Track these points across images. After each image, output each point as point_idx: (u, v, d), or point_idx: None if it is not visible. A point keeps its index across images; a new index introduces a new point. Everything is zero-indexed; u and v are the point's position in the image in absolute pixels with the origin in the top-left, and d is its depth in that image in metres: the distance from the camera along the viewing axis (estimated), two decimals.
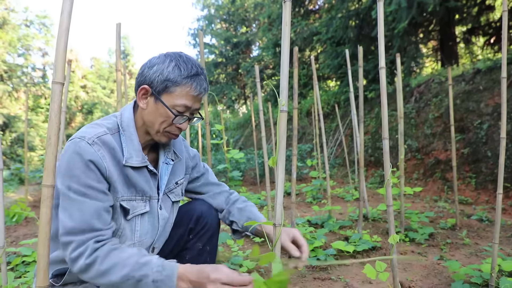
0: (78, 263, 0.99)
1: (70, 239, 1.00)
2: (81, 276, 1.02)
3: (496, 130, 5.23)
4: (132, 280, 0.98)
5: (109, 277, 0.99)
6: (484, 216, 3.73)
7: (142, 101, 1.15)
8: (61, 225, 1.02)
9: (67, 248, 1.01)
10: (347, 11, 8.68)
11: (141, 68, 1.16)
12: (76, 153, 1.03)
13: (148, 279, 0.98)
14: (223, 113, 19.97)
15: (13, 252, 2.60)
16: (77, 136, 1.06)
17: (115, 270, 0.99)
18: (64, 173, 1.03)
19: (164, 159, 1.29)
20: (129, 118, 1.17)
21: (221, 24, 21.71)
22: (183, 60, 1.13)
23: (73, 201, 1.02)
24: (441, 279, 2.14)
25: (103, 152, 1.06)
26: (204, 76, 1.16)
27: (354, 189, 5.52)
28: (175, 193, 1.32)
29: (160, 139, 1.19)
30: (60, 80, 0.84)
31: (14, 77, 17.28)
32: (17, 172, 9.67)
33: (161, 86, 1.11)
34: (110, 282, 0.99)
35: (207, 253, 1.43)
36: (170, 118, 1.13)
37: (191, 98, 1.13)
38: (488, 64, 6.25)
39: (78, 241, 1.00)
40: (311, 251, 2.48)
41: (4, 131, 15.20)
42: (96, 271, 0.99)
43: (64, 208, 1.03)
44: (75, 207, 1.02)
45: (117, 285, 0.99)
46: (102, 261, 0.99)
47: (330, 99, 10.55)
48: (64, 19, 0.84)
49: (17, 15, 18.77)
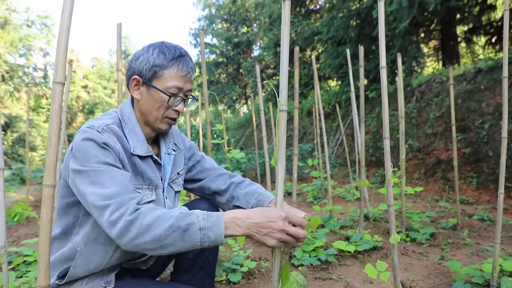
0: (118, 223, 0.94)
1: (107, 203, 0.96)
2: (121, 239, 0.95)
3: (497, 129, 5.22)
4: (178, 231, 0.94)
5: (153, 231, 0.93)
6: (485, 216, 3.72)
7: (136, 92, 1.18)
8: (93, 195, 0.98)
9: (104, 212, 0.96)
10: (348, 11, 8.68)
11: (129, 63, 1.20)
12: (88, 139, 1.03)
13: (195, 226, 0.94)
14: (224, 113, 19.99)
15: (14, 252, 2.60)
16: (85, 126, 1.07)
17: (159, 223, 0.94)
18: (80, 158, 1.02)
19: (166, 150, 1.31)
20: (129, 111, 1.20)
21: (222, 24, 21.72)
22: (165, 46, 1.17)
23: (100, 172, 1.00)
24: (442, 279, 2.13)
25: (113, 138, 1.09)
26: (189, 57, 1.19)
27: (355, 189, 5.52)
28: (177, 183, 1.34)
29: (160, 126, 1.21)
30: (60, 80, 0.84)
31: (15, 77, 17.32)
32: (18, 172, 9.70)
33: (150, 73, 1.14)
34: (154, 237, 0.93)
35: (209, 252, 1.44)
36: (165, 101, 1.16)
37: (181, 78, 1.16)
38: (489, 63, 6.24)
39: (117, 203, 0.97)
40: (311, 251, 2.48)
41: (5, 131, 15.23)
42: (139, 227, 0.94)
43: (91, 182, 1.00)
44: (105, 176, 1.00)
45: (161, 239, 0.94)
46: (145, 216, 0.95)
47: (331, 99, 10.54)
48: (65, 19, 0.84)
49: (19, 15, 18.83)
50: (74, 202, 1.11)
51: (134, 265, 1.26)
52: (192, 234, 0.94)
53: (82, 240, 1.10)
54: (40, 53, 20.63)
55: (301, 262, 2.34)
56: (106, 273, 1.17)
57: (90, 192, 0.99)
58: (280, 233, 0.95)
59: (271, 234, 0.96)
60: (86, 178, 1.01)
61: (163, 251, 0.96)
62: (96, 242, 1.11)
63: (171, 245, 0.95)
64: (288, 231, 0.96)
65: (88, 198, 0.99)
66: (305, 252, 2.48)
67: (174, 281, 1.46)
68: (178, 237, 0.94)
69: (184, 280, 1.42)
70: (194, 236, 0.94)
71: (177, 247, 0.95)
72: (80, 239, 1.11)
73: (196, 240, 0.95)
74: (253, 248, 2.70)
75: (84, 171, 1.01)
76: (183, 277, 1.43)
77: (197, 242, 0.95)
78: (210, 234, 0.95)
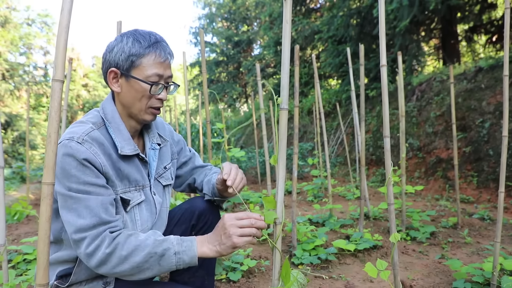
0: (96, 256, 0.98)
1: (83, 236, 0.99)
2: (99, 269, 1.00)
3: (498, 128, 5.22)
4: (155, 257, 0.99)
5: (132, 259, 0.98)
6: (485, 215, 3.72)
7: (115, 85, 1.14)
8: (69, 226, 1.00)
9: (81, 245, 0.99)
10: (349, 10, 8.67)
11: (103, 57, 1.16)
12: (68, 155, 1.01)
13: (170, 252, 1.00)
14: (224, 111, 19.98)
15: (14, 250, 2.61)
16: (65, 138, 1.04)
17: (137, 252, 0.99)
18: (60, 177, 1.02)
19: (150, 145, 1.28)
20: (112, 109, 1.16)
21: (222, 22, 21.70)
22: (139, 33, 1.13)
23: (76, 200, 1.01)
24: (443, 278, 2.13)
25: (94, 148, 1.06)
26: (165, 42, 1.16)
27: (355, 188, 5.52)
28: (164, 177, 1.33)
29: (145, 117, 1.18)
30: (60, 77, 0.83)
31: (16, 76, 17.31)
32: (18, 171, 9.71)
33: (127, 63, 1.11)
34: (133, 265, 0.98)
35: None
36: (147, 91, 1.12)
37: (160, 65, 1.12)
38: (490, 62, 6.23)
39: (92, 236, 0.99)
40: (312, 249, 2.48)
41: (6, 129, 15.23)
42: (118, 258, 0.98)
43: (68, 208, 1.01)
44: (81, 204, 1.01)
45: (140, 266, 0.99)
46: (122, 247, 0.99)
47: (331, 98, 10.53)
48: (64, 17, 0.84)
49: (19, 14, 18.82)
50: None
51: None
52: (168, 258, 1.01)
53: None
54: (41, 51, 20.63)
55: (301, 260, 2.34)
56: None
57: (66, 220, 1.01)
58: (231, 229, 1.01)
59: (226, 237, 1.02)
60: (63, 202, 1.02)
61: (141, 276, 1.02)
62: None
63: (149, 269, 1.01)
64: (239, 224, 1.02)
65: (66, 227, 1.02)
66: (305, 251, 2.48)
67: (174, 279, 1.45)
68: (155, 263, 1.00)
69: (184, 278, 1.42)
70: (170, 260, 1.01)
71: (154, 271, 1.02)
72: None
73: (172, 264, 1.01)
74: (253, 247, 2.70)
75: (63, 195, 1.02)
76: (183, 276, 1.43)
77: (172, 265, 1.01)
78: (185, 257, 1.02)
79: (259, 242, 2.85)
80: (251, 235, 1.01)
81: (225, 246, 1.01)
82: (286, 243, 2.74)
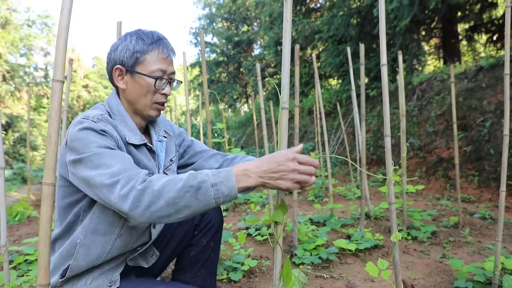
0: (130, 195, 0.92)
1: (116, 179, 0.94)
2: (134, 211, 0.92)
3: (499, 127, 5.21)
4: (191, 191, 0.91)
5: (166, 194, 0.91)
6: (487, 214, 3.72)
7: (120, 82, 1.17)
8: (100, 176, 0.95)
9: (114, 188, 0.93)
10: (349, 9, 8.67)
11: (107, 57, 1.19)
12: (85, 128, 1.01)
13: (207, 183, 0.92)
14: (224, 111, 19.98)
15: (15, 251, 2.61)
16: (79, 118, 1.06)
17: (171, 186, 0.92)
18: (78, 146, 0.99)
19: (157, 138, 1.30)
20: (117, 103, 1.19)
21: (223, 23, 21.72)
22: (142, 32, 1.17)
23: (102, 155, 0.98)
24: (444, 277, 2.13)
25: (109, 126, 1.08)
26: (167, 40, 1.20)
27: (356, 187, 5.52)
28: (171, 170, 1.33)
29: (150, 113, 1.20)
30: (60, 78, 0.83)
31: (16, 77, 17.34)
32: (19, 172, 9.72)
33: (131, 60, 1.14)
34: (169, 201, 0.91)
35: (211, 249, 1.45)
36: (152, 86, 1.15)
37: (163, 61, 1.16)
38: (490, 61, 6.22)
39: (126, 177, 0.94)
40: (313, 249, 2.48)
41: (6, 130, 15.25)
42: (151, 194, 0.91)
43: (95, 166, 0.97)
44: (108, 157, 0.98)
45: (176, 202, 0.91)
46: (155, 183, 0.93)
47: (331, 98, 10.53)
48: (64, 17, 0.84)
49: (19, 15, 18.86)
50: (75, 201, 1.10)
51: (136, 263, 1.26)
52: (205, 191, 0.92)
53: (81, 232, 1.09)
54: (41, 52, 20.68)
55: (302, 260, 2.34)
56: (111, 271, 1.16)
57: (96, 174, 0.96)
58: (292, 174, 0.93)
59: (284, 177, 0.93)
60: (89, 164, 0.98)
61: (179, 216, 0.93)
62: (95, 233, 1.09)
63: (186, 206, 0.92)
64: (300, 169, 0.94)
65: (95, 179, 0.96)
66: (306, 250, 2.48)
67: (176, 279, 1.46)
68: (192, 197, 0.92)
69: (186, 278, 1.42)
70: (208, 193, 0.92)
71: (193, 208, 0.93)
72: (80, 232, 1.10)
73: (210, 197, 0.92)
74: (254, 247, 2.70)
75: (85, 157, 0.98)
76: (186, 275, 1.43)
77: (211, 199, 0.92)
78: (223, 188, 0.92)
79: (259, 242, 2.85)
80: (304, 182, 0.95)
81: (276, 185, 0.94)
82: (287, 243, 2.74)
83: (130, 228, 1.14)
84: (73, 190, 1.09)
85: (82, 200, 1.09)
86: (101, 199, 0.98)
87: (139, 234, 1.20)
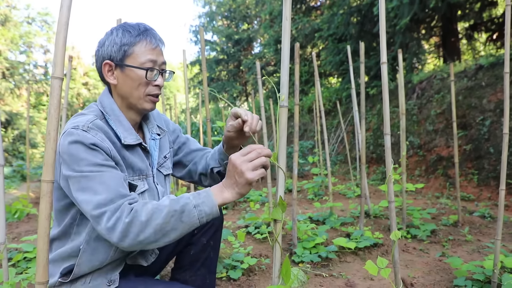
0: (117, 228, 0.94)
1: (102, 210, 0.96)
2: (123, 242, 0.95)
3: (498, 126, 5.21)
4: (176, 215, 0.96)
5: (153, 222, 0.95)
6: (486, 213, 3.72)
7: (111, 77, 1.15)
8: (87, 204, 0.97)
9: (101, 220, 0.96)
10: (349, 8, 8.65)
11: (95, 54, 1.18)
12: (75, 142, 1.01)
13: (189, 206, 0.97)
14: (224, 110, 19.97)
15: (14, 248, 2.61)
16: (69, 127, 1.04)
17: (156, 214, 0.95)
18: (69, 162, 1.00)
19: (150, 136, 1.29)
20: (110, 102, 1.17)
21: (223, 21, 21.67)
22: (128, 25, 1.15)
23: (90, 178, 0.99)
24: (443, 275, 2.13)
25: (100, 135, 1.06)
26: (154, 30, 1.18)
27: (355, 186, 5.52)
28: (165, 167, 1.33)
29: (144, 106, 1.18)
30: (59, 75, 0.83)
31: (16, 74, 17.29)
32: (19, 169, 9.73)
33: (120, 53, 1.12)
34: (156, 228, 0.95)
35: (210, 248, 1.44)
36: (143, 78, 1.13)
37: (152, 51, 1.14)
38: (490, 60, 6.21)
39: (111, 209, 0.96)
40: (312, 247, 2.48)
41: (6, 128, 15.24)
42: (139, 225, 0.94)
43: (83, 189, 0.99)
44: (96, 182, 0.99)
45: (163, 228, 0.95)
46: (141, 213, 0.96)
47: (331, 96, 10.52)
48: (63, 14, 0.83)
49: (19, 13, 18.78)
50: (70, 204, 1.09)
51: (135, 261, 1.26)
52: (189, 213, 0.97)
53: (84, 239, 1.09)
54: (41, 50, 20.59)
55: (301, 259, 2.34)
56: (110, 270, 1.16)
57: (83, 200, 0.98)
58: (243, 166, 0.97)
59: (239, 175, 0.98)
60: (76, 185, 0.99)
61: (166, 239, 0.98)
62: (98, 239, 1.09)
63: (173, 230, 0.97)
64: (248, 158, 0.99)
65: (83, 207, 0.99)
66: (306, 249, 2.48)
67: (175, 277, 1.46)
68: (177, 220, 0.96)
69: (185, 276, 1.42)
70: (191, 214, 0.97)
71: (179, 231, 0.98)
72: (82, 238, 1.09)
73: (194, 218, 0.97)
74: (254, 245, 2.70)
75: (74, 177, 0.99)
76: (185, 274, 1.43)
77: (195, 219, 0.98)
78: (205, 208, 0.98)
79: (259, 240, 2.85)
80: (261, 165, 0.99)
81: (241, 185, 0.99)
82: (287, 241, 2.74)
83: None
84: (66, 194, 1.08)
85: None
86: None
87: None
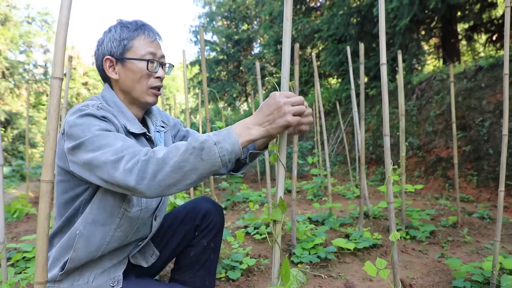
0: (135, 169, 0.90)
1: (121, 155, 0.93)
2: (141, 183, 0.90)
3: (498, 127, 5.21)
4: (195, 152, 0.90)
5: (170, 160, 0.89)
6: (485, 214, 3.72)
7: (112, 73, 1.17)
8: (104, 155, 0.93)
9: (119, 164, 0.92)
10: (349, 8, 8.65)
11: (95, 53, 1.20)
12: (86, 114, 1.01)
13: (209, 143, 0.91)
14: (224, 110, 19.96)
15: (13, 248, 2.61)
16: (78, 106, 1.05)
17: (174, 152, 0.91)
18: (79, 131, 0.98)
19: (155, 128, 1.30)
20: (111, 95, 1.18)
21: (223, 21, 21.67)
22: (125, 21, 1.19)
23: (104, 135, 0.97)
24: (442, 277, 2.13)
25: (110, 115, 1.07)
26: (151, 25, 1.21)
27: (355, 187, 5.52)
28: None
29: (147, 99, 1.19)
30: (59, 75, 0.83)
31: (15, 74, 17.27)
32: (18, 169, 9.71)
33: (120, 48, 1.15)
34: (174, 166, 0.89)
35: (211, 250, 1.44)
36: (144, 69, 1.15)
37: (151, 44, 1.17)
38: (490, 61, 6.22)
39: (130, 153, 0.93)
40: (311, 248, 2.48)
41: (5, 127, 15.22)
42: (155, 163, 0.90)
43: (96, 148, 0.95)
44: (110, 137, 0.97)
45: (181, 166, 0.89)
46: (158, 152, 0.92)
47: (331, 97, 10.52)
48: (63, 14, 0.83)
49: (19, 12, 18.77)
50: (76, 195, 1.09)
51: (136, 261, 1.26)
52: (209, 150, 0.90)
53: (81, 223, 1.09)
54: (41, 50, 20.57)
55: (300, 259, 2.34)
56: (113, 269, 1.16)
57: (99, 154, 0.94)
58: (286, 106, 0.93)
59: (280, 115, 0.93)
60: (89, 146, 0.96)
61: (187, 181, 0.92)
62: (95, 223, 1.09)
63: (193, 169, 0.90)
64: (290, 101, 0.94)
65: (99, 158, 0.93)
66: (305, 249, 2.48)
67: (175, 278, 1.46)
68: (196, 158, 0.90)
69: (185, 277, 1.42)
70: (212, 152, 0.90)
71: (199, 171, 0.91)
72: (79, 223, 1.09)
73: (215, 156, 0.91)
74: (253, 246, 2.70)
75: (86, 140, 0.96)
76: (185, 275, 1.43)
77: (216, 157, 0.91)
78: (226, 145, 0.92)
79: (258, 240, 2.85)
80: (301, 113, 0.95)
81: (277, 126, 0.94)
82: (286, 242, 2.74)
83: (130, 219, 1.14)
84: (74, 184, 1.08)
85: (83, 194, 1.09)
86: (105, 180, 0.95)
87: (140, 225, 1.19)
